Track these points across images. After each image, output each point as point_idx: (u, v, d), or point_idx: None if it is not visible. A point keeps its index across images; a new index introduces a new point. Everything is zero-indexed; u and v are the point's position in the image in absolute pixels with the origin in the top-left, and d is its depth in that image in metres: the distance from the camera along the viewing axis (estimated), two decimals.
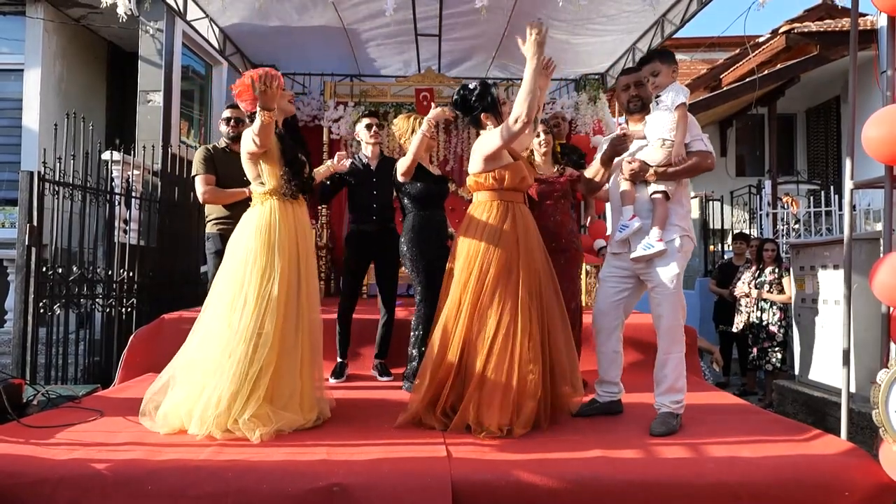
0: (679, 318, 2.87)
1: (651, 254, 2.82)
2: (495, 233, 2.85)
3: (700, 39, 12.38)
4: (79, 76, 7.25)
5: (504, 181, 2.90)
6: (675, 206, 2.88)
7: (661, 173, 2.83)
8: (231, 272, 2.87)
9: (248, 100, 2.88)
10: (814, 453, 2.49)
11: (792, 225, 8.02)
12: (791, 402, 4.62)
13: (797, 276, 4.84)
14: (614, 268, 3.06)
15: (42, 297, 4.17)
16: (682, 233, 2.86)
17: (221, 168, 3.83)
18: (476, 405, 2.72)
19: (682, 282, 2.88)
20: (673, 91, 2.83)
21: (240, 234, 2.94)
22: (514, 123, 2.71)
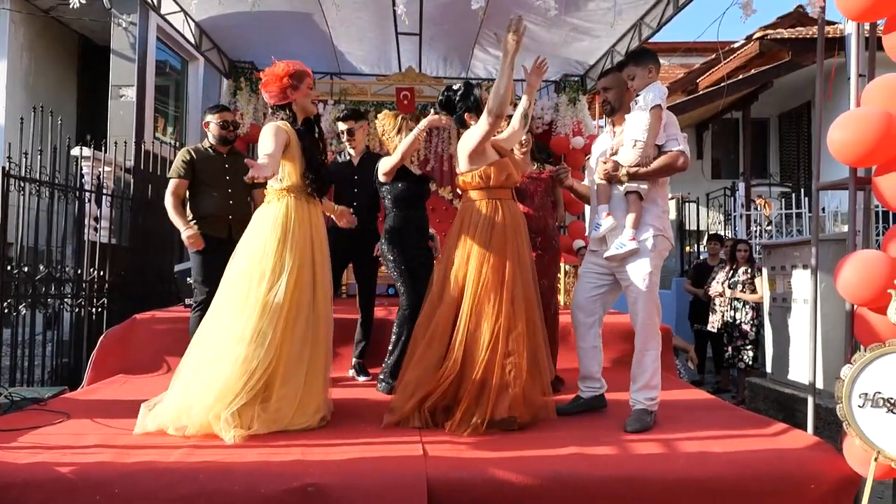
0: (654, 317, 2.90)
1: (623, 253, 2.86)
2: (486, 232, 2.88)
3: (677, 44, 12.57)
4: (48, 70, 7.09)
5: (490, 179, 2.93)
6: (649, 206, 2.91)
7: (634, 173, 2.87)
8: (242, 270, 2.82)
9: (275, 91, 2.85)
10: (782, 448, 2.55)
11: (764, 226, 8.19)
12: (762, 398, 4.71)
13: (769, 276, 4.93)
14: (592, 264, 3.10)
15: (7, 296, 4.06)
16: (657, 232, 2.89)
17: (203, 170, 3.75)
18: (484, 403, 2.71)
19: (657, 280, 2.91)
20: (651, 92, 2.85)
21: (254, 231, 2.88)
22: (487, 116, 2.78)
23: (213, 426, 2.58)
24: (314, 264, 2.89)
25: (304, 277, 2.82)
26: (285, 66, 2.85)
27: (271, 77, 2.84)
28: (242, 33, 6.06)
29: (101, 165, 4.96)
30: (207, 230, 3.72)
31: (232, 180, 3.81)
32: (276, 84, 2.83)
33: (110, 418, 2.87)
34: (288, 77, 2.83)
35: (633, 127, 2.89)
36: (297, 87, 2.87)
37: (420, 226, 3.60)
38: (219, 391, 2.63)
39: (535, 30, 5.72)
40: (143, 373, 4.00)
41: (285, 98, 2.88)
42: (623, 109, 3.03)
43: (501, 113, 2.77)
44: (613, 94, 3.02)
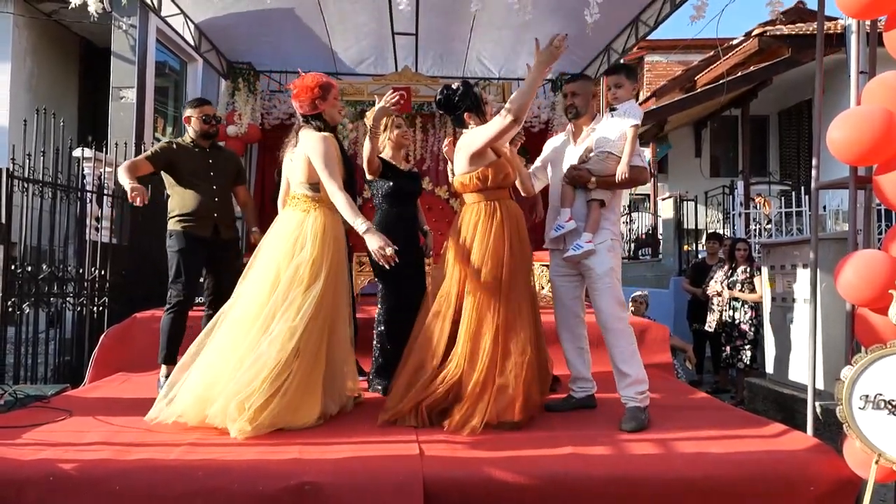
0: (619, 311, 2.97)
1: (580, 254, 2.95)
2: (486, 234, 2.91)
3: (676, 41, 12.57)
4: (50, 72, 7.13)
5: (488, 180, 2.95)
6: (608, 213, 3.05)
7: (601, 182, 2.98)
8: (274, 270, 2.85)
9: (306, 101, 2.94)
10: (780, 449, 2.55)
11: (764, 225, 8.18)
12: (762, 399, 4.71)
13: (769, 276, 4.93)
14: (560, 266, 3.16)
15: (11, 295, 4.09)
16: (613, 237, 3.04)
17: (185, 165, 3.66)
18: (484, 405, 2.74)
19: (619, 277, 3.02)
20: (630, 110, 2.98)
21: (286, 236, 2.90)
22: (505, 117, 2.78)
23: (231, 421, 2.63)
24: (339, 273, 2.97)
25: (333, 284, 2.89)
26: (314, 77, 2.96)
27: (301, 88, 2.93)
28: (241, 35, 6.08)
29: (102, 166, 4.99)
30: (192, 229, 3.62)
31: (216, 176, 3.72)
32: (307, 94, 2.92)
33: (111, 416, 2.91)
34: (318, 88, 2.94)
35: (604, 137, 3.00)
36: (325, 97, 2.96)
37: (409, 223, 3.57)
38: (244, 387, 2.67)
39: (530, 26, 5.72)
40: (143, 371, 4.03)
41: (315, 108, 2.97)
42: (587, 115, 3.14)
43: (520, 117, 2.79)
44: (581, 99, 3.12)
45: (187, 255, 3.58)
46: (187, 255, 3.59)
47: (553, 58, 2.76)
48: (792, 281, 4.61)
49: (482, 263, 2.87)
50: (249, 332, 2.78)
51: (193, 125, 3.73)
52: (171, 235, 3.69)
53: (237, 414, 2.63)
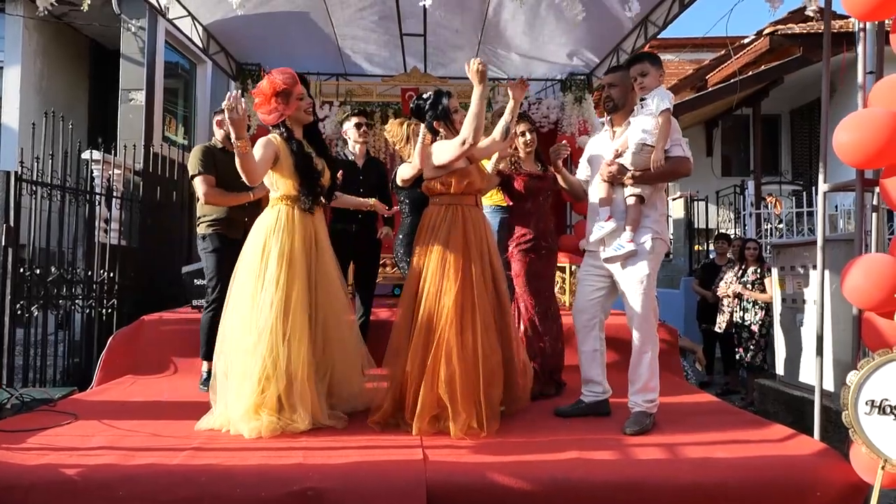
0: (650, 318, 2.91)
1: (621, 254, 2.87)
2: (444, 236, 2.93)
3: (686, 40, 12.47)
4: (60, 74, 7.19)
5: (451, 187, 3.00)
6: (649, 210, 2.92)
7: (638, 177, 2.87)
8: (240, 273, 2.91)
9: (265, 112, 2.84)
10: (788, 454, 2.53)
11: (775, 225, 8.09)
12: (772, 401, 4.66)
13: (779, 277, 4.88)
14: (591, 266, 3.10)
15: (20, 298, 4.12)
16: (655, 235, 2.90)
17: (220, 167, 3.69)
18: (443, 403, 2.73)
19: (654, 283, 2.92)
20: (658, 96, 2.84)
21: (251, 236, 2.95)
22: (461, 145, 2.86)
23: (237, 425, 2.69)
24: (313, 269, 2.92)
25: (297, 282, 2.84)
26: (271, 84, 2.82)
27: (261, 99, 2.84)
28: (249, 36, 6.09)
29: (110, 168, 5.02)
30: (224, 231, 3.70)
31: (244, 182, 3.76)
32: (267, 108, 2.83)
33: (117, 419, 2.92)
34: (274, 98, 2.83)
35: (638, 130, 2.87)
36: (286, 102, 2.87)
37: None
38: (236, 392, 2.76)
39: (542, 27, 5.70)
40: (150, 373, 4.05)
41: (280, 116, 2.90)
42: (626, 109, 3.02)
43: (475, 141, 2.85)
44: (618, 91, 3.01)
45: (220, 255, 3.65)
46: (220, 255, 3.65)
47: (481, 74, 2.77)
48: (802, 282, 4.57)
49: (439, 264, 2.88)
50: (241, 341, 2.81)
51: (222, 127, 3.73)
52: (203, 238, 3.76)
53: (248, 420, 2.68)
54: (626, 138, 2.94)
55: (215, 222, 3.72)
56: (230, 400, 2.77)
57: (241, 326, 2.82)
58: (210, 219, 3.74)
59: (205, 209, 3.76)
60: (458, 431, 2.67)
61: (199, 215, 3.82)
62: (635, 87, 2.93)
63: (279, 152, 2.90)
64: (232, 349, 2.83)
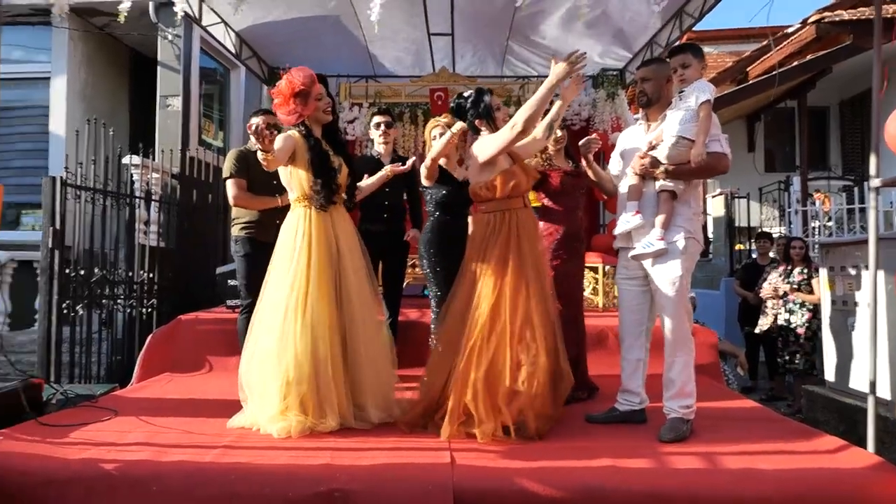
0: (684, 321, 2.79)
1: (650, 252, 2.76)
2: (494, 245, 2.86)
3: (725, 31, 12.09)
4: (103, 82, 7.42)
5: (497, 190, 2.91)
6: (682, 207, 2.80)
7: (672, 171, 2.75)
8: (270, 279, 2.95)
9: (285, 112, 2.87)
10: (837, 466, 2.38)
11: (824, 222, 7.76)
12: (821, 408, 4.46)
13: (828, 277, 4.67)
14: (626, 269, 2.99)
15: (65, 297, 4.26)
16: (688, 234, 2.78)
17: (253, 171, 3.71)
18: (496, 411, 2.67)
19: (688, 284, 2.81)
20: (698, 88, 2.73)
21: (278, 242, 2.99)
22: (512, 128, 2.75)
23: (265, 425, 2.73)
24: (337, 269, 2.93)
25: (320, 283, 2.85)
26: (289, 85, 2.83)
27: (280, 100, 2.86)
28: (280, 41, 6.17)
29: (149, 172, 5.15)
30: (257, 235, 3.73)
31: (277, 185, 3.71)
32: (286, 109, 2.86)
33: (154, 416, 2.99)
34: (293, 99, 2.84)
35: (675, 123, 2.76)
36: (304, 103, 2.88)
37: (461, 231, 3.52)
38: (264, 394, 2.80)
39: (571, 22, 5.59)
40: (187, 371, 4.15)
41: (299, 117, 2.93)
42: (661, 103, 2.91)
43: (527, 129, 2.74)
44: (652, 85, 2.89)
45: (253, 259, 3.68)
46: (253, 259, 3.68)
47: (566, 73, 2.68)
48: (854, 283, 4.36)
49: (488, 273, 2.82)
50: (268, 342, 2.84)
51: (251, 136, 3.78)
52: (237, 241, 3.81)
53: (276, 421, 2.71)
54: (661, 131, 2.84)
55: (247, 225, 3.77)
56: (258, 402, 2.80)
57: (266, 329, 2.85)
58: (242, 221, 3.79)
59: (237, 211, 3.82)
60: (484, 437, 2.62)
61: (233, 217, 3.89)
62: (675, 80, 2.82)
63: (297, 147, 2.93)
64: (259, 351, 2.86)
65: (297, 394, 2.73)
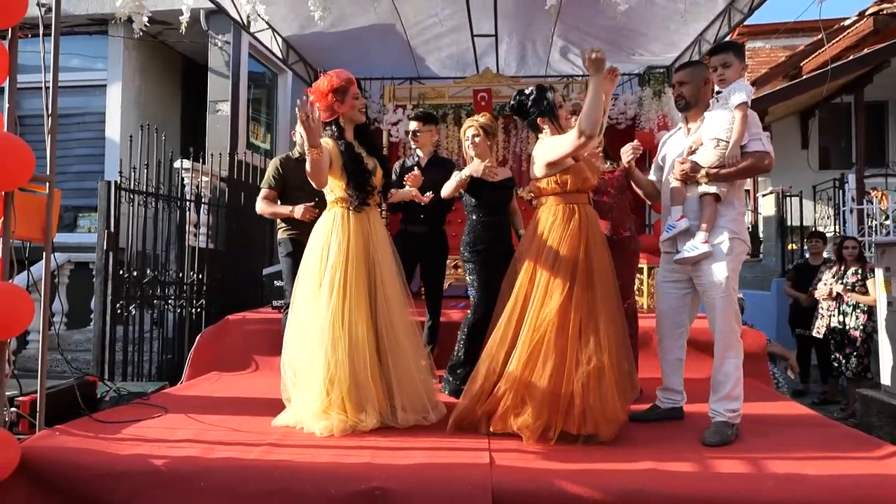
0: (732, 323, 2.74)
1: (695, 256, 2.73)
2: (560, 236, 2.82)
3: (778, 25, 11.69)
4: (156, 89, 7.71)
5: (567, 185, 2.88)
6: (726, 208, 2.77)
7: (714, 174, 2.72)
8: (301, 279, 3.00)
9: (323, 108, 2.91)
10: (886, 473, 2.30)
11: (880, 221, 7.42)
12: (876, 413, 4.28)
13: (884, 278, 4.49)
14: (669, 272, 2.97)
15: (119, 298, 4.44)
16: (733, 235, 2.74)
17: (292, 177, 3.86)
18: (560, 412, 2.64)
19: (735, 285, 2.75)
20: (736, 89, 2.71)
21: (310, 242, 3.05)
22: (578, 137, 2.71)
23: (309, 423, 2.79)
24: (372, 270, 2.96)
25: (357, 283, 2.88)
26: (328, 81, 2.92)
27: (318, 94, 2.93)
28: (326, 45, 6.28)
29: (199, 176, 5.32)
30: (297, 236, 3.81)
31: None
32: (323, 101, 2.91)
33: (202, 413, 3.08)
34: (332, 93, 2.91)
35: (714, 125, 2.74)
36: (342, 100, 2.95)
37: (498, 231, 3.54)
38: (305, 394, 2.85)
39: (617, 19, 5.51)
40: (234, 370, 4.26)
41: (333, 114, 2.97)
42: (699, 106, 2.88)
43: (594, 133, 2.69)
44: (689, 88, 2.88)
45: (294, 259, 3.71)
46: (294, 260, 3.70)
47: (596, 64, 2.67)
48: None
49: (555, 267, 2.78)
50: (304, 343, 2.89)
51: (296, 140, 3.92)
52: (281, 243, 3.94)
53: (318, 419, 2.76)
54: (699, 134, 2.81)
55: (291, 227, 3.87)
56: (300, 401, 2.86)
57: (304, 329, 2.90)
58: (284, 225, 3.92)
59: None
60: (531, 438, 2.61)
61: (278, 221, 4.01)
62: (714, 79, 2.80)
63: (331, 154, 2.96)
64: (297, 351, 2.92)
65: (338, 392, 2.78)
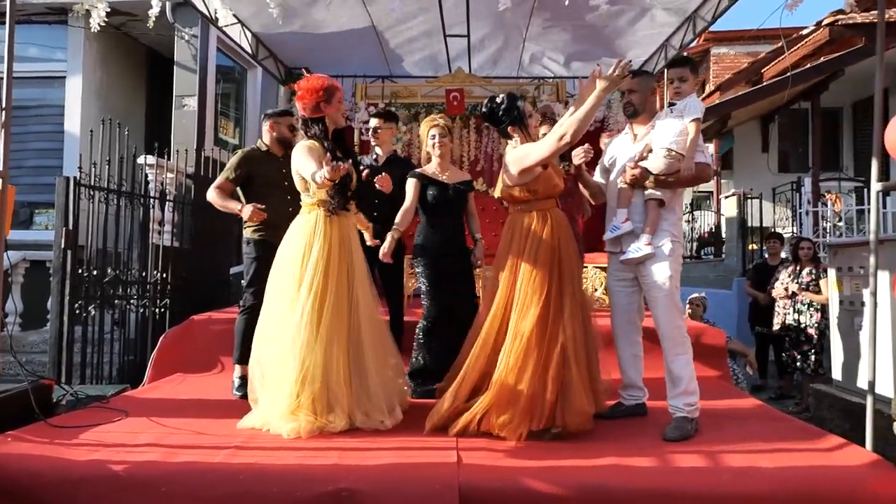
0: (677, 320, 2.89)
1: (640, 256, 2.86)
2: (533, 245, 2.89)
3: (742, 32, 12.01)
4: (119, 82, 7.49)
5: (538, 192, 2.96)
6: (667, 213, 2.93)
7: (661, 181, 2.88)
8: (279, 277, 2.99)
9: (309, 104, 2.96)
10: (836, 464, 2.42)
11: (834, 223, 7.70)
12: (828, 407, 4.46)
13: (836, 278, 4.67)
14: (617, 271, 3.09)
15: (77, 298, 4.31)
16: (674, 238, 2.93)
17: (260, 173, 3.72)
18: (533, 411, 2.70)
19: (678, 284, 2.91)
20: (692, 104, 2.89)
21: (287, 241, 3.03)
22: (558, 140, 2.76)
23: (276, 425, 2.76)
24: (349, 272, 2.97)
25: (336, 284, 2.89)
26: (319, 79, 2.97)
27: (306, 90, 2.95)
28: (297, 42, 6.20)
29: (164, 172, 5.20)
30: (267, 237, 3.64)
31: (290, 185, 3.63)
32: (312, 97, 2.94)
33: (165, 417, 3.02)
34: (322, 91, 2.95)
35: (666, 133, 2.89)
36: (329, 100, 2.98)
37: (449, 235, 3.53)
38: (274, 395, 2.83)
39: (587, 24, 5.60)
40: (199, 371, 4.19)
41: (318, 111, 2.99)
42: (646, 113, 3.04)
43: (575, 141, 2.75)
44: (638, 96, 3.02)
45: (263, 262, 3.57)
46: (263, 263, 3.57)
47: (615, 84, 2.72)
48: (861, 284, 4.35)
49: (532, 273, 2.84)
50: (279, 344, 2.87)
51: (277, 132, 3.76)
52: (249, 243, 3.75)
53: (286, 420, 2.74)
54: (649, 140, 2.95)
55: (257, 227, 3.69)
56: (269, 402, 2.84)
57: (277, 330, 2.88)
58: (255, 223, 3.69)
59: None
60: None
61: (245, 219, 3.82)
62: (670, 91, 2.97)
63: (319, 156, 2.95)
64: (269, 352, 2.90)
65: (309, 393, 2.77)
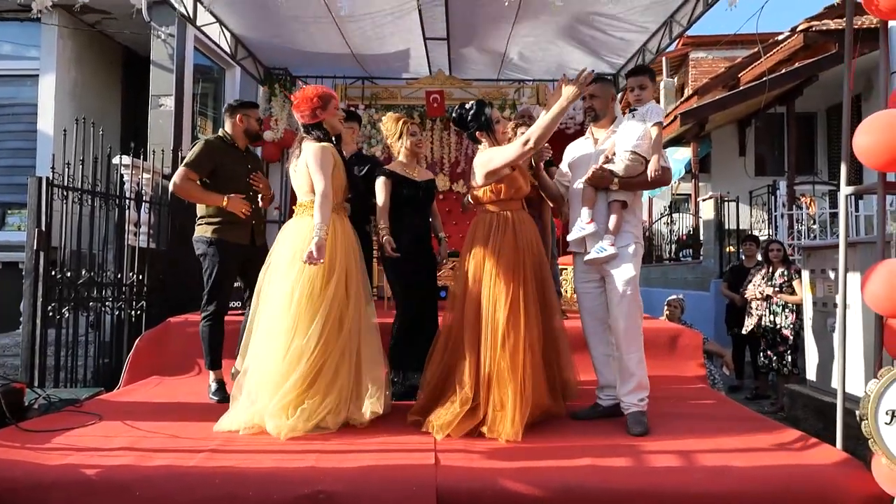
0: (636, 319, 2.98)
1: (604, 257, 2.93)
2: (497, 243, 2.97)
3: (720, 37, 12.21)
4: (94, 81, 7.35)
5: (501, 193, 3.03)
6: (628, 215, 3.02)
7: (624, 183, 2.96)
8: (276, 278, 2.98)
9: (306, 112, 3.07)
10: (808, 463, 2.47)
11: (808, 226, 7.85)
12: (802, 406, 4.54)
13: (809, 279, 4.75)
14: (584, 272, 3.15)
15: (51, 300, 4.22)
16: (635, 240, 3.02)
17: (224, 166, 3.52)
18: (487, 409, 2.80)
19: (637, 284, 2.99)
20: (653, 109, 2.99)
21: (288, 242, 3.01)
22: (525, 145, 2.86)
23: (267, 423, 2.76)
24: (350, 273, 3.03)
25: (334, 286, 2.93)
26: (314, 88, 3.12)
27: (302, 99, 3.08)
28: (276, 42, 6.18)
29: (140, 173, 5.12)
30: (230, 237, 3.48)
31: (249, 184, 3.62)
32: (307, 105, 3.05)
33: (140, 420, 2.98)
34: (318, 98, 3.06)
35: (628, 137, 2.97)
36: (325, 107, 3.08)
37: (415, 232, 3.54)
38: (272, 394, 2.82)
39: (566, 28, 5.65)
40: (175, 374, 4.15)
41: (315, 118, 3.07)
42: (607, 118, 3.15)
43: (539, 146, 2.87)
44: (600, 102, 3.14)
45: (224, 265, 3.48)
46: (224, 265, 3.48)
47: (579, 93, 2.81)
48: (833, 286, 4.43)
49: (494, 270, 2.91)
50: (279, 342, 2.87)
51: (246, 124, 3.62)
52: (205, 242, 3.50)
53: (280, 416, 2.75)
54: (612, 144, 3.04)
55: (218, 223, 3.47)
56: (264, 400, 2.82)
57: (276, 329, 2.88)
58: (214, 221, 3.48)
59: (206, 209, 3.51)
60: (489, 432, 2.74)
61: (201, 215, 3.54)
62: (631, 98, 3.07)
63: (335, 159, 3.06)
64: (265, 351, 2.89)
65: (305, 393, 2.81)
